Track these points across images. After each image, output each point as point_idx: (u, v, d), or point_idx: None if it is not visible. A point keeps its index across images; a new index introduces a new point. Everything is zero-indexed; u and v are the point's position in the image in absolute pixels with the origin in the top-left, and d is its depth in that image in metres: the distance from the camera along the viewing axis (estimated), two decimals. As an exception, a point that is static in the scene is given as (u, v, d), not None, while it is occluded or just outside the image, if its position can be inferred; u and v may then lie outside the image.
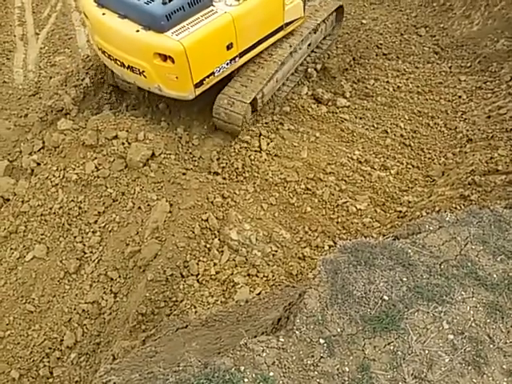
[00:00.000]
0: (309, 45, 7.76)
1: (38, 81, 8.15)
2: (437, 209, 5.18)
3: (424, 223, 3.17)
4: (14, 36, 9.13)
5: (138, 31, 5.67)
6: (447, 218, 3.13)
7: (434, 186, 5.94)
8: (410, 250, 2.95)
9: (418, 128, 6.84)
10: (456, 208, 4.99)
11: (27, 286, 5.62)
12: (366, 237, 5.23)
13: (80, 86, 7.32)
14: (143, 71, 5.93)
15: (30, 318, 5.46)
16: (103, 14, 5.99)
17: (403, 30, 8.78)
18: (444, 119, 6.91)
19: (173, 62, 5.64)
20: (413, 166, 6.36)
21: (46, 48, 8.89)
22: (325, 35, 8.20)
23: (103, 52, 6.40)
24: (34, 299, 5.54)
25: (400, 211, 5.74)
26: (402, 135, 6.76)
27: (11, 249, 5.91)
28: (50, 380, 5.12)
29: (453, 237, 3.03)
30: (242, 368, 2.26)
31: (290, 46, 7.13)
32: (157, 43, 5.63)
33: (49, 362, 5.19)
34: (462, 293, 2.75)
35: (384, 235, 4.97)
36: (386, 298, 2.68)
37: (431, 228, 3.10)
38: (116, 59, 6.18)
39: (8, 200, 6.27)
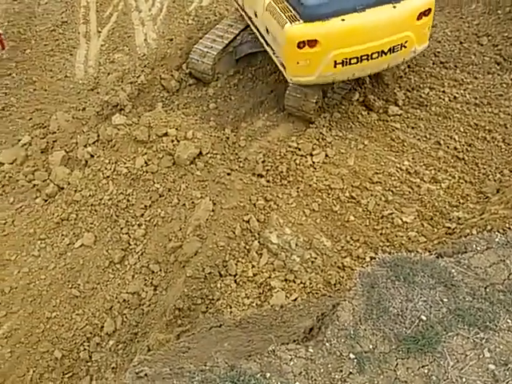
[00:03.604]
0: None
1: (96, 76, 8.53)
2: (488, 228, 4.92)
3: (471, 242, 3.02)
4: (78, 33, 9.61)
5: (394, 7, 5.76)
6: (496, 239, 2.97)
7: (487, 203, 5.65)
8: (453, 270, 2.83)
9: (474, 141, 6.52)
10: (510, 228, 4.72)
11: (74, 272, 5.90)
12: (410, 251, 5.06)
13: (135, 82, 7.59)
14: (405, 42, 6.06)
15: (74, 302, 5.72)
16: (342, 20, 5.65)
17: (463, 38, 8.40)
18: (502, 133, 6.54)
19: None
20: (465, 181, 6.07)
21: (106, 45, 9.29)
22: None
23: (347, 63, 5.96)
24: (79, 285, 5.81)
25: (449, 227, 5.49)
26: (455, 148, 6.47)
27: (62, 235, 6.23)
28: (89, 364, 5.34)
29: (501, 259, 2.87)
30: (268, 375, 2.25)
31: None
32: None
33: (89, 346, 5.42)
34: (508, 320, 2.59)
35: (430, 251, 4.79)
36: (423, 317, 2.57)
37: (478, 248, 2.95)
38: (372, 54, 5.99)
39: (62, 188, 6.62)
